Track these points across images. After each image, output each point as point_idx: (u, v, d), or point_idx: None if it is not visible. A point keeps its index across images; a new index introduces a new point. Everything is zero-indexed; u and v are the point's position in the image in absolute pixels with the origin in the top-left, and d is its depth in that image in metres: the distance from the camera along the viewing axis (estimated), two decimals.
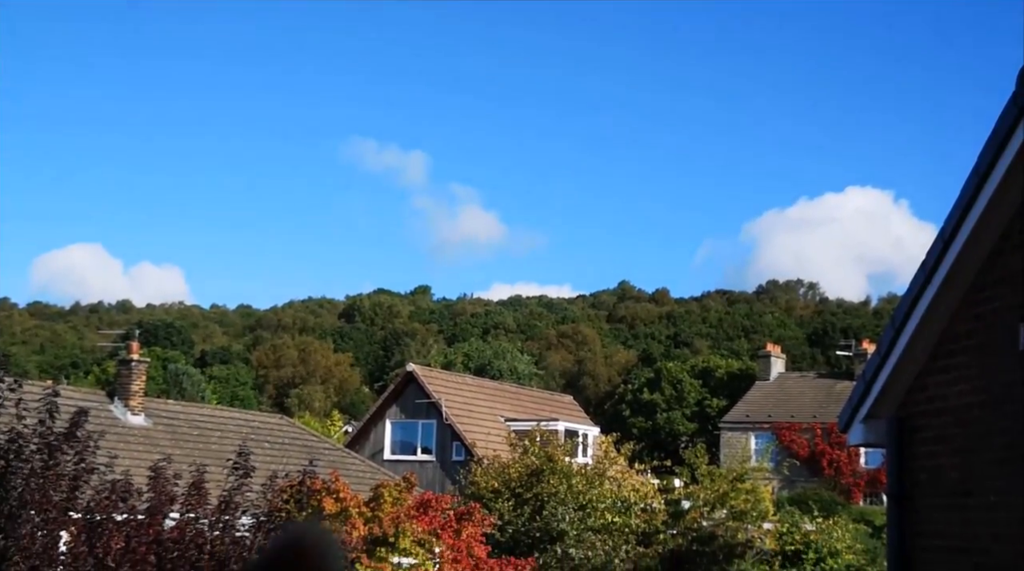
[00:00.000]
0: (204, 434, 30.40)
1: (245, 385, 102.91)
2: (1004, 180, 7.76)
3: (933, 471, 8.81)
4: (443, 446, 45.26)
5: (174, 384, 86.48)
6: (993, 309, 8.08)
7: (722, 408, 77.49)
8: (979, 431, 8.12)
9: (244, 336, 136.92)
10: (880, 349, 9.36)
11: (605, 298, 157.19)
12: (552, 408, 52.13)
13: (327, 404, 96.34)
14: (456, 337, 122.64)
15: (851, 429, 9.93)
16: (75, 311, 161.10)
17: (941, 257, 8.47)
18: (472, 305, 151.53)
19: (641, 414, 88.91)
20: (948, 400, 8.62)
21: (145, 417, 29.81)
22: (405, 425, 46.58)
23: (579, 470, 32.50)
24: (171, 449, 26.38)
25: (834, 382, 64.16)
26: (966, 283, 8.42)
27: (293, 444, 32.56)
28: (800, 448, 60.23)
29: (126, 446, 26.19)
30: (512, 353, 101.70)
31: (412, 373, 46.80)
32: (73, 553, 11.71)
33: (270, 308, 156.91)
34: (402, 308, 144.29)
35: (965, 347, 8.44)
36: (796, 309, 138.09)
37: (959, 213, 8.20)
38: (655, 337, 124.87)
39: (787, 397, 63.88)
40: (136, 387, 29.86)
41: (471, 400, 47.60)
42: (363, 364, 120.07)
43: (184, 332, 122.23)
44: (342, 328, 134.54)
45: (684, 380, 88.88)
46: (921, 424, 9.02)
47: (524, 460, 32.04)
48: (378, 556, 21.14)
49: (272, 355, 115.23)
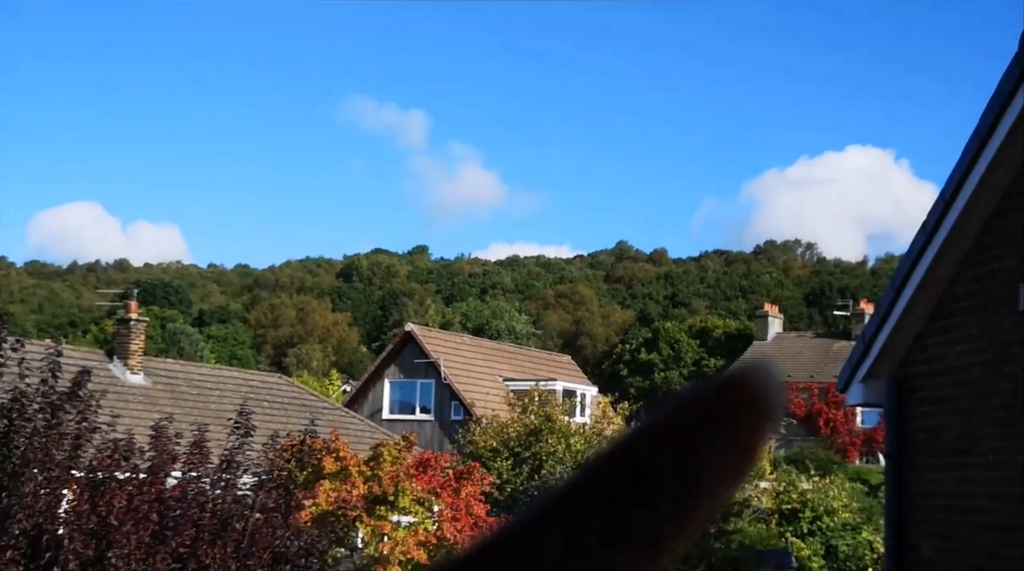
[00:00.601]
0: (203, 393, 30.50)
1: (243, 344, 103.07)
2: (1005, 142, 7.77)
3: (931, 431, 8.86)
4: (442, 406, 45.40)
5: (172, 343, 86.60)
6: (993, 270, 8.11)
7: (719, 368, 77.68)
8: (978, 391, 8.16)
9: (242, 295, 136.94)
10: (880, 310, 9.40)
11: (603, 258, 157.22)
12: (550, 368, 52.26)
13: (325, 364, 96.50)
14: (454, 297, 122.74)
15: (850, 389, 9.98)
16: (72, 270, 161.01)
17: (942, 218, 8.49)
18: (470, 265, 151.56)
19: (639, 374, 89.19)
20: (947, 360, 8.67)
21: (144, 376, 29.90)
22: (403, 385, 46.70)
23: (577, 429, 32.66)
24: (171, 408, 26.48)
25: (831, 342, 64.30)
26: (966, 244, 8.44)
27: (292, 403, 32.67)
28: (797, 408, 60.44)
29: (126, 405, 26.29)
30: (510, 313, 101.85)
31: (410, 333, 46.88)
32: (76, 511, 11.78)
33: (268, 267, 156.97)
34: (400, 268, 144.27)
35: (964, 308, 8.47)
36: (794, 269, 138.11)
37: (960, 174, 8.21)
38: (653, 297, 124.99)
39: (784, 357, 64.03)
40: (135, 346, 29.93)
41: (469, 360, 47.71)
42: (361, 324, 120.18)
43: (182, 291, 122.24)
44: (340, 288, 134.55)
45: (682, 340, 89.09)
46: (920, 384, 9.07)
47: (522, 420, 32.20)
48: (378, 514, 21.27)
49: (270, 314, 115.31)
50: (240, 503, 12.68)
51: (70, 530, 11.55)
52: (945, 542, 8.58)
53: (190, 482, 12.68)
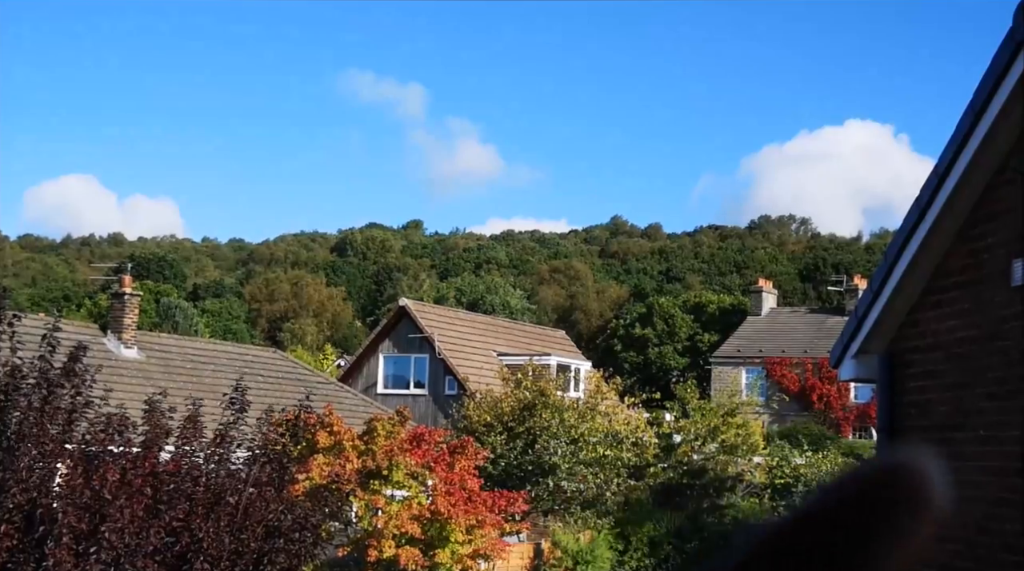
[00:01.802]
0: (197, 367, 30.51)
1: (238, 319, 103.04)
2: (1000, 116, 7.75)
3: (923, 406, 8.88)
4: (436, 380, 45.46)
5: (167, 318, 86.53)
6: (986, 245, 8.11)
7: (714, 343, 77.80)
8: (970, 366, 8.18)
9: (236, 270, 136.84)
10: (873, 285, 9.40)
11: (597, 233, 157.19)
12: (544, 343, 52.31)
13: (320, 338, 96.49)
14: (448, 272, 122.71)
15: (842, 364, 9.99)
16: (67, 244, 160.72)
17: (935, 193, 8.48)
18: (464, 240, 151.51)
19: (633, 349, 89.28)
20: (940, 336, 8.68)
21: (138, 350, 29.90)
22: (398, 360, 46.74)
23: (571, 404, 32.73)
24: (165, 382, 26.48)
25: (825, 317, 64.41)
26: (960, 219, 8.44)
27: (287, 378, 32.70)
28: (791, 383, 60.60)
29: (120, 379, 26.29)
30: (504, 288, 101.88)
31: (405, 308, 46.89)
32: (70, 485, 11.79)
33: (262, 242, 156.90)
34: (394, 242, 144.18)
35: (958, 283, 8.48)
36: (788, 244, 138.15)
37: (954, 149, 8.20)
38: (647, 272, 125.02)
39: (778, 332, 64.14)
40: (129, 321, 29.92)
41: (464, 335, 47.74)
42: (355, 298, 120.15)
43: (176, 266, 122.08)
44: (334, 262, 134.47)
45: (676, 315, 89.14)
46: (912, 359, 9.09)
47: (516, 394, 32.23)
48: (372, 488, 21.33)
49: (265, 289, 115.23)
50: (234, 477, 12.69)
51: (64, 504, 11.56)
52: None
53: (184, 456, 12.69)
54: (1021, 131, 7.72)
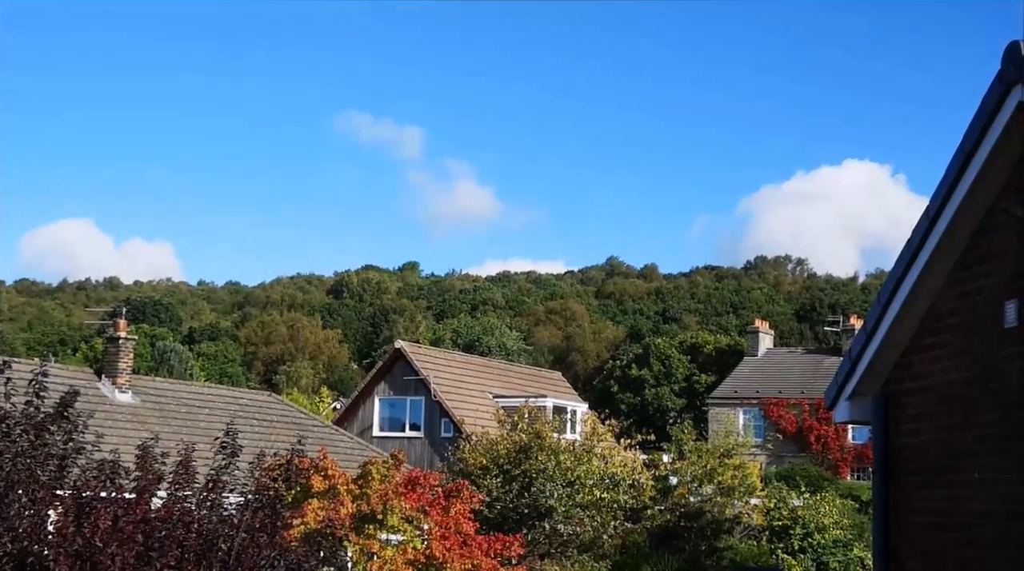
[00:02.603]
0: (192, 411, 30.40)
1: (233, 362, 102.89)
2: (990, 158, 7.76)
3: (918, 448, 8.85)
4: (432, 423, 45.32)
5: (162, 361, 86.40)
6: (978, 287, 8.10)
7: (710, 384, 77.74)
8: (963, 408, 8.15)
9: (232, 313, 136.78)
10: (866, 327, 9.39)
11: (594, 274, 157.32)
12: (541, 384, 52.22)
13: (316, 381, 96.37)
14: (445, 313, 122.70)
15: (837, 406, 9.96)
16: (63, 288, 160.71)
17: (927, 235, 8.48)
18: (461, 281, 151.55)
19: (630, 390, 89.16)
20: (933, 377, 8.65)
21: (133, 395, 29.79)
22: (393, 402, 46.62)
23: (567, 446, 32.59)
24: (159, 427, 26.37)
25: (822, 358, 64.35)
26: (951, 261, 8.43)
27: (281, 421, 32.58)
28: (788, 423, 60.47)
29: (114, 424, 26.18)
30: (501, 329, 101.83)
31: (400, 350, 46.81)
32: (61, 532, 11.70)
33: (258, 285, 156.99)
34: (390, 284, 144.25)
35: (950, 325, 8.47)
36: (784, 284, 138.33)
37: (945, 191, 8.21)
38: (644, 313, 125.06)
39: (775, 373, 64.06)
40: (123, 364, 29.82)
41: (460, 376, 47.65)
42: (351, 340, 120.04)
43: (172, 309, 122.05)
44: (331, 304, 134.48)
45: (672, 356, 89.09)
46: (906, 401, 9.06)
47: (512, 437, 32.10)
48: (366, 533, 21.19)
49: (261, 332, 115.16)
50: (226, 523, 12.59)
51: (55, 552, 11.46)
52: (933, 560, 8.56)
53: (176, 502, 12.61)
54: (1011, 173, 7.73)
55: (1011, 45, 7.40)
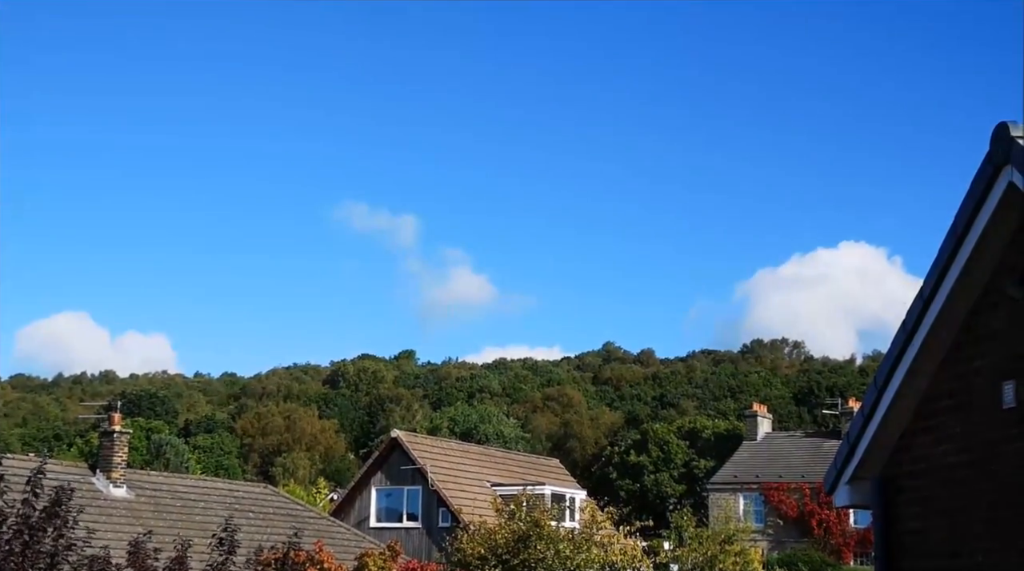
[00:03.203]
0: (188, 505, 30.10)
1: (230, 454, 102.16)
2: (982, 239, 7.79)
3: (919, 533, 8.74)
4: (429, 512, 44.89)
5: (158, 455, 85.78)
6: (974, 368, 8.07)
7: (710, 469, 77.20)
8: (963, 491, 8.07)
9: (228, 404, 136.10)
10: (863, 410, 9.33)
11: (590, 360, 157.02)
12: (539, 472, 51.83)
13: (312, 472, 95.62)
14: (441, 401, 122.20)
15: (837, 491, 9.87)
16: (58, 383, 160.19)
17: (921, 316, 8.48)
18: (457, 369, 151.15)
19: (628, 476, 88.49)
20: (932, 460, 8.58)
21: (127, 489, 29.51)
22: (390, 492, 46.23)
23: (566, 535, 32.20)
24: (154, 521, 26.09)
25: (821, 441, 64.06)
26: (947, 343, 8.41)
27: (278, 513, 32.26)
28: (789, 508, 59.96)
29: (108, 519, 25.91)
30: (498, 417, 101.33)
31: (397, 439, 46.52)
32: None
33: (254, 376, 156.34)
34: (387, 373, 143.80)
35: (947, 407, 8.42)
36: (781, 368, 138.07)
37: (938, 272, 8.22)
38: (641, 398, 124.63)
39: (775, 457, 63.69)
40: (118, 459, 29.57)
41: (457, 465, 47.30)
42: (348, 430, 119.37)
43: (168, 402, 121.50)
44: (327, 394, 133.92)
45: (671, 441, 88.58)
46: (906, 485, 8.98)
47: (511, 525, 31.74)
48: None
49: (257, 423, 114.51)
50: None
51: None
52: None
53: None
54: (1003, 253, 7.75)
55: (999, 127, 7.46)
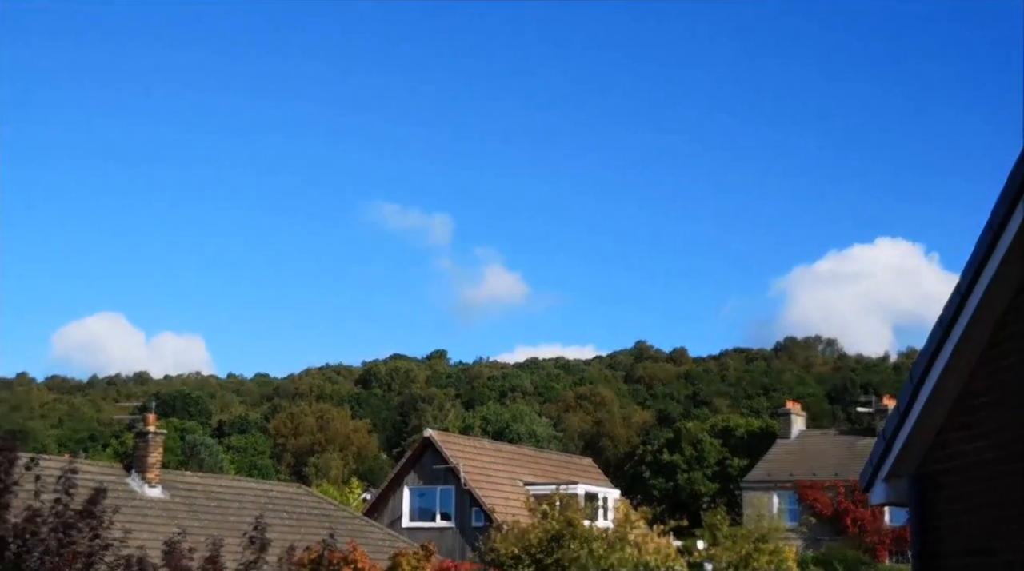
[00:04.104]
0: (222, 505, 30.24)
1: (263, 454, 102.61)
2: (1020, 232, 7.69)
3: (955, 530, 8.66)
4: (462, 512, 44.93)
5: (192, 455, 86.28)
6: (1010, 364, 7.98)
7: (743, 467, 76.90)
8: (999, 488, 7.98)
9: (262, 405, 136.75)
10: (899, 407, 9.25)
11: (622, 358, 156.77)
12: (571, 471, 51.79)
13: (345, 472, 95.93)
14: (473, 401, 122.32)
15: (873, 489, 9.78)
16: (92, 384, 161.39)
17: (958, 312, 8.38)
18: (488, 368, 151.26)
19: (662, 475, 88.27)
20: (968, 457, 8.49)
21: (162, 489, 29.68)
22: (423, 491, 46.30)
23: (600, 534, 32.19)
24: (189, 521, 26.23)
25: (856, 439, 63.66)
26: (983, 338, 8.32)
27: (311, 514, 32.36)
28: (823, 507, 59.60)
29: (143, 519, 26.06)
30: (530, 416, 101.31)
31: (429, 439, 46.59)
32: None
33: (287, 376, 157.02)
34: (419, 373, 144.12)
35: (984, 403, 8.33)
36: (815, 366, 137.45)
37: (975, 267, 8.13)
38: (673, 397, 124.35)
39: (809, 455, 63.34)
40: (153, 459, 29.74)
41: (489, 465, 47.32)
42: (381, 430, 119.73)
43: (201, 402, 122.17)
44: (359, 394, 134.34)
45: (704, 440, 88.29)
46: (942, 482, 8.89)
47: (544, 525, 31.75)
48: None
49: (290, 423, 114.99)
50: None
51: None
52: None
53: None
54: None
55: None
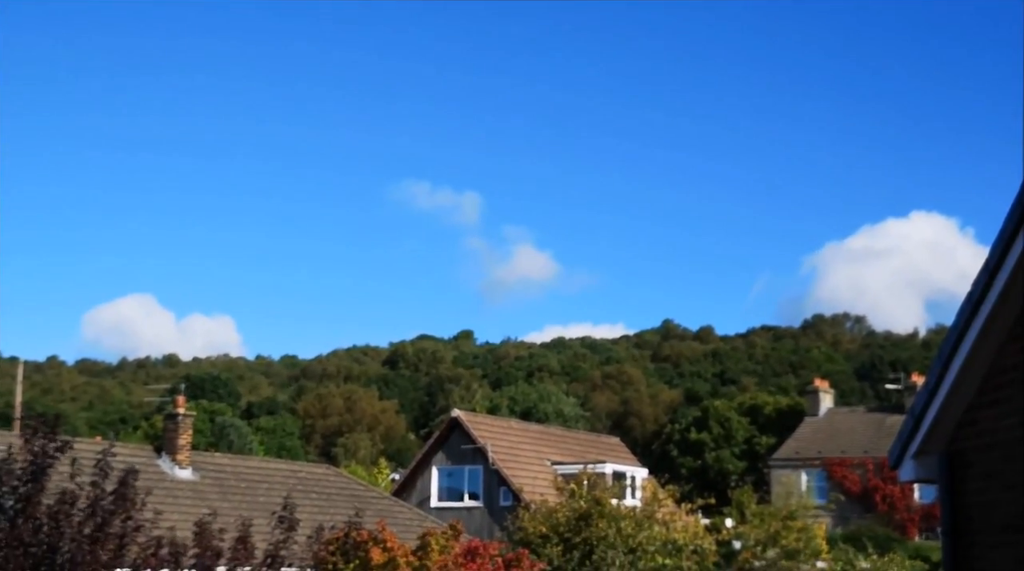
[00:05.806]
0: (252, 486, 30.41)
1: (292, 435, 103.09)
2: None
3: (985, 507, 8.62)
4: (490, 492, 45.06)
5: (222, 437, 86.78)
6: None
7: (771, 445, 76.76)
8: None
9: (289, 386, 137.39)
10: (928, 384, 9.21)
11: (649, 337, 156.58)
12: (599, 450, 51.82)
13: (373, 452, 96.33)
14: (500, 381, 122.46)
15: (902, 466, 9.76)
16: (122, 367, 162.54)
17: (987, 288, 8.33)
18: (516, 348, 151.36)
19: (689, 454, 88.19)
20: (997, 434, 8.45)
21: (192, 471, 29.86)
22: (451, 471, 46.44)
23: (628, 513, 32.21)
24: (219, 502, 26.40)
25: (884, 416, 63.43)
26: (1012, 314, 8.27)
27: (340, 494, 32.52)
28: (852, 484, 59.47)
29: (174, 500, 26.24)
30: (557, 396, 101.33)
31: (457, 419, 46.71)
32: None
33: (315, 357, 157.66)
34: (446, 353, 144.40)
35: (1013, 380, 8.27)
36: (843, 343, 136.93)
37: (1003, 243, 8.07)
38: (701, 375, 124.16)
39: (837, 433, 63.18)
40: (183, 441, 29.91)
41: (517, 444, 47.41)
42: (408, 411, 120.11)
43: (230, 384, 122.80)
44: (386, 375, 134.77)
45: (732, 418, 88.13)
46: (971, 459, 8.85)
47: (572, 504, 31.80)
48: None
49: (318, 404, 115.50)
50: None
51: None
52: None
53: None
54: None
55: None
